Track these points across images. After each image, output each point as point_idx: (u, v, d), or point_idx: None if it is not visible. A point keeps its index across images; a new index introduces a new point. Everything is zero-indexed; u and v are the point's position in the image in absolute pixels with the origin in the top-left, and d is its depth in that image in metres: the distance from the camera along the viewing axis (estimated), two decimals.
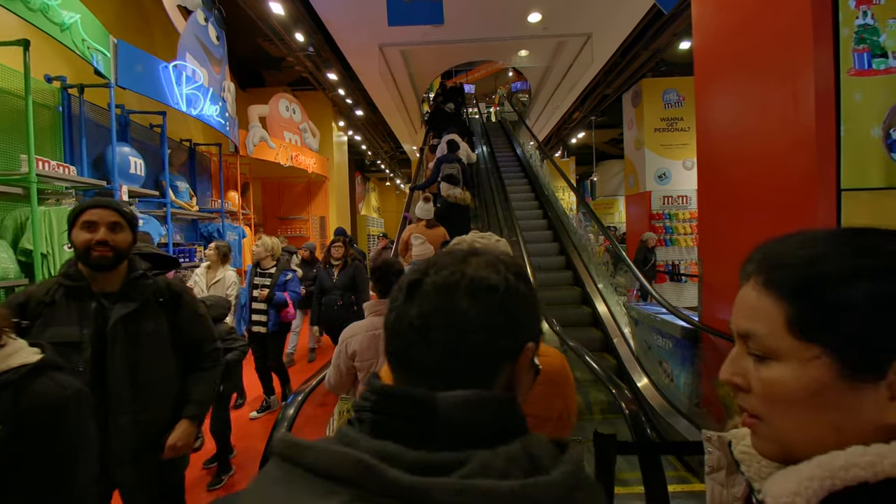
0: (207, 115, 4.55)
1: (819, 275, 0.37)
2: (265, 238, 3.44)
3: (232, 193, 6.40)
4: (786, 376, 0.37)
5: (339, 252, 3.60)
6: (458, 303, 0.39)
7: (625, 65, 7.52)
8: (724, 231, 3.13)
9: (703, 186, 3.32)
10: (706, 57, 3.25)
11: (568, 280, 5.52)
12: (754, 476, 0.44)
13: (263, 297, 3.28)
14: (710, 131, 3.26)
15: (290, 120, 7.35)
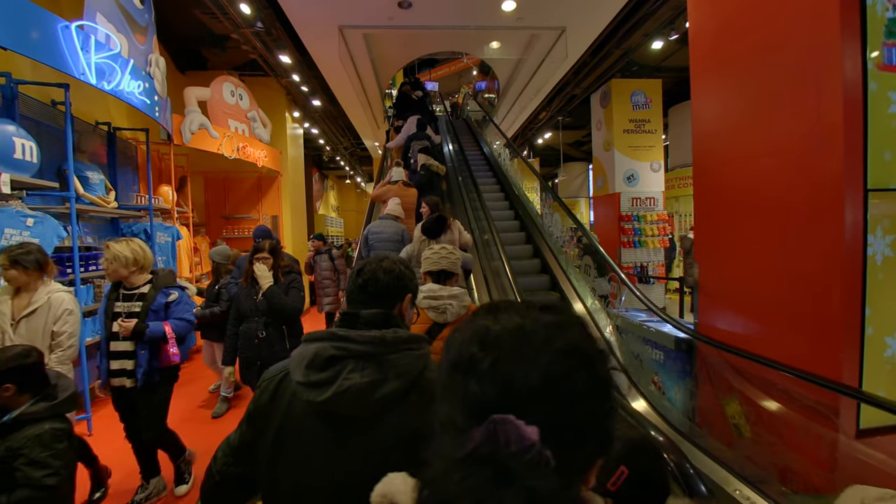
0: (127, 93, 3.76)
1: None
2: (119, 245, 2.17)
3: (165, 188, 5.52)
4: None
5: (266, 266, 2.64)
6: (378, 277, 0.91)
7: (595, 63, 7.40)
8: (722, 234, 2.90)
9: (699, 187, 3.08)
10: (706, 44, 3.00)
11: (545, 284, 5.22)
12: None
13: (127, 332, 2.13)
14: (706, 127, 3.02)
15: (237, 107, 6.53)
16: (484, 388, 0.34)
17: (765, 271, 2.50)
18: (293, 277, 2.75)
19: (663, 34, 6.02)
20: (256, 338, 2.64)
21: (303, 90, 7.47)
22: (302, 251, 9.12)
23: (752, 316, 2.62)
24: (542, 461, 0.30)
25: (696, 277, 3.06)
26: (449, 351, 0.40)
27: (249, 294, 2.71)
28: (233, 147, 6.23)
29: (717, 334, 2.89)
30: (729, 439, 2.57)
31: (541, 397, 0.34)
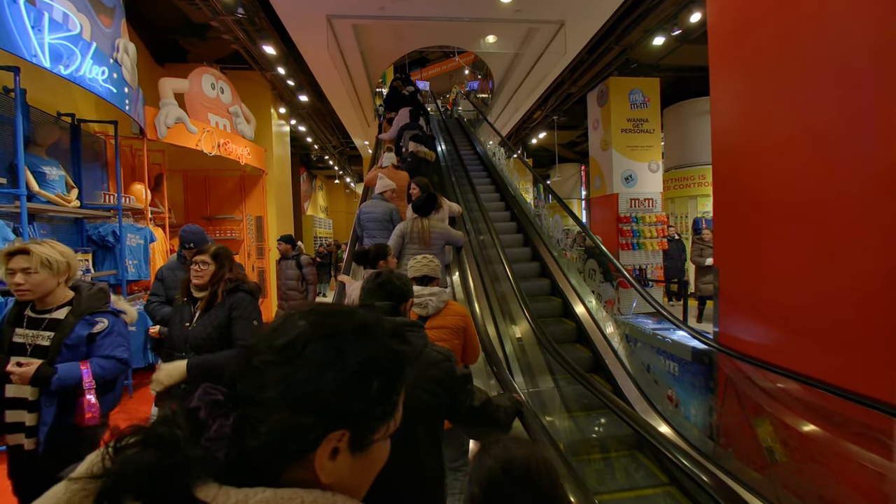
0: (89, 79, 3.39)
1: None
2: (44, 248, 1.56)
3: (137, 186, 5.12)
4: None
5: (204, 276, 1.88)
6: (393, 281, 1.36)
7: (593, 61, 7.20)
8: (746, 236, 2.67)
9: (719, 186, 2.84)
10: (728, 31, 2.76)
11: (546, 289, 4.96)
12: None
13: (24, 381, 1.50)
14: (728, 122, 2.78)
15: (217, 100, 6.14)
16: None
17: (798, 276, 2.26)
18: (239, 300, 1.87)
19: (665, 30, 5.83)
20: (182, 381, 1.76)
21: (289, 84, 7.12)
22: None
23: (782, 326, 2.38)
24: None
25: (716, 284, 2.82)
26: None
27: (181, 317, 1.89)
28: (213, 143, 5.85)
29: (740, 345, 2.65)
30: (761, 463, 2.32)
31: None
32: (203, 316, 1.87)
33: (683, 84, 9.03)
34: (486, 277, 4.80)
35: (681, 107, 9.16)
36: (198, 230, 2.71)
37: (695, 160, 9.06)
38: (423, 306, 2.00)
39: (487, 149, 8.86)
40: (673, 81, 8.69)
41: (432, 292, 2.03)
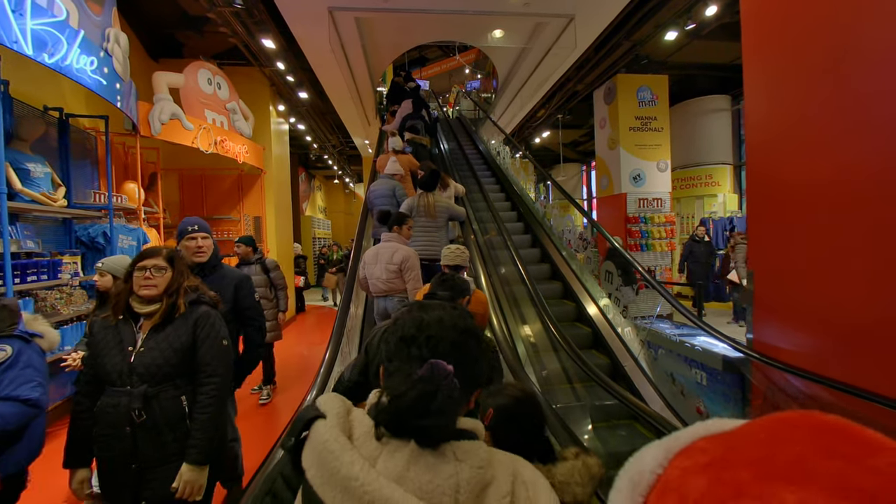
0: (77, 70, 3.17)
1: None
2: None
3: (130, 185, 4.89)
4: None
5: (154, 287, 1.53)
6: (455, 279, 1.78)
7: (599, 58, 7.02)
8: (784, 237, 2.48)
9: (755, 182, 2.65)
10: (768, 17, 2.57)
11: (557, 292, 4.77)
12: None
13: None
14: (766, 116, 2.60)
15: (214, 96, 5.92)
16: (421, 351, 0.64)
17: (849, 279, 2.07)
18: (205, 316, 1.56)
19: (678, 24, 5.65)
20: (128, 422, 1.42)
21: (288, 80, 6.90)
22: (288, 257, 8.51)
23: (828, 333, 2.19)
24: (454, 382, 0.59)
25: (750, 288, 2.63)
26: (396, 331, 0.68)
27: (119, 340, 1.49)
28: (210, 140, 5.63)
29: (778, 354, 2.45)
30: None
31: (452, 353, 0.63)
32: (155, 336, 1.49)
33: (690, 82, 8.87)
34: (496, 279, 4.61)
35: (687, 105, 9.00)
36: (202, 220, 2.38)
37: (702, 160, 8.91)
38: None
39: (490, 147, 8.67)
40: (679, 80, 8.53)
41: (463, 282, 2.37)
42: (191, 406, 1.52)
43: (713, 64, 8.13)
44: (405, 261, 2.80)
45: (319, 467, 0.55)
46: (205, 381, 1.54)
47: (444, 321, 0.66)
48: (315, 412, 0.60)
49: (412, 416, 0.57)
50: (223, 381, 1.56)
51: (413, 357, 0.63)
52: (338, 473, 0.53)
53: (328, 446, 0.55)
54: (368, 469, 0.53)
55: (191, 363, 1.54)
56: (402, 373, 0.62)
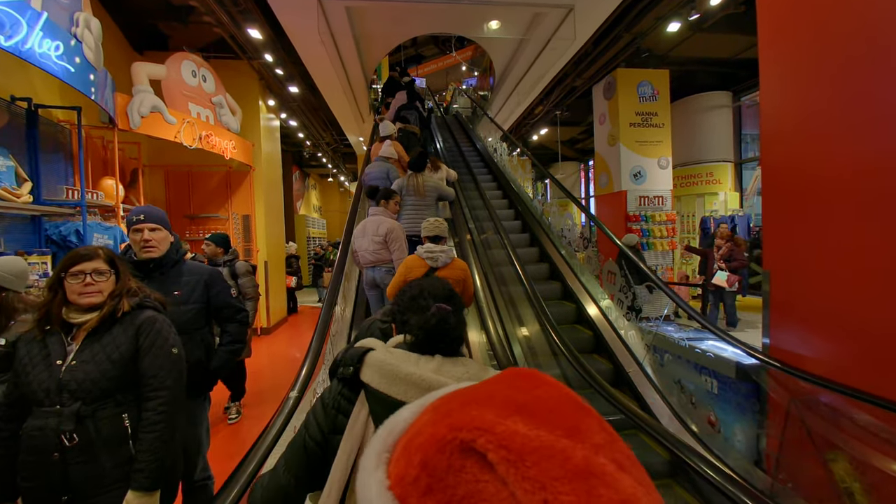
0: (41, 55, 2.94)
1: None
2: None
3: (108, 182, 4.65)
4: None
5: (99, 293, 1.33)
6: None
7: (600, 51, 6.83)
8: (804, 235, 2.28)
9: (769, 179, 2.45)
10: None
11: (556, 293, 4.56)
12: None
13: None
14: (783, 104, 2.39)
15: (199, 89, 5.68)
16: (427, 301, 0.92)
17: (878, 280, 1.87)
18: (149, 322, 1.36)
19: (681, 15, 5.46)
20: (57, 447, 1.22)
21: (277, 74, 6.66)
22: (279, 257, 8.28)
23: (856, 339, 1.99)
24: (453, 314, 0.91)
25: (766, 290, 2.43)
26: (406, 295, 0.98)
27: (46, 353, 1.28)
28: (194, 135, 5.39)
29: (797, 361, 2.26)
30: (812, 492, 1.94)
31: (446, 301, 0.93)
32: (91, 346, 1.28)
33: (690, 78, 8.70)
34: (492, 278, 4.40)
35: (687, 102, 8.82)
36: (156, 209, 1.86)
37: (702, 157, 8.73)
38: (434, 259, 2.51)
39: (487, 144, 8.47)
40: (679, 76, 8.35)
41: (442, 249, 2.57)
42: (135, 425, 1.30)
43: (714, 59, 7.95)
44: (390, 232, 3.02)
45: (382, 376, 0.81)
46: (150, 396, 1.32)
47: (435, 285, 0.99)
48: (365, 349, 0.88)
49: (437, 335, 0.87)
50: (172, 394, 1.35)
51: (422, 307, 0.92)
52: (399, 374, 0.79)
53: (388, 360, 0.83)
54: (421, 367, 0.82)
55: (134, 376, 1.33)
56: (418, 316, 0.91)
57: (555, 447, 0.26)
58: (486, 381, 0.35)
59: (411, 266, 2.55)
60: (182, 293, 1.77)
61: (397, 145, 4.69)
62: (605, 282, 3.98)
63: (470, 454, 0.27)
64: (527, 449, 0.25)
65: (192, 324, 1.77)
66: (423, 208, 3.75)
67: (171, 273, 1.80)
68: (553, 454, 0.25)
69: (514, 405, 0.29)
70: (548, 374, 0.35)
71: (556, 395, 0.32)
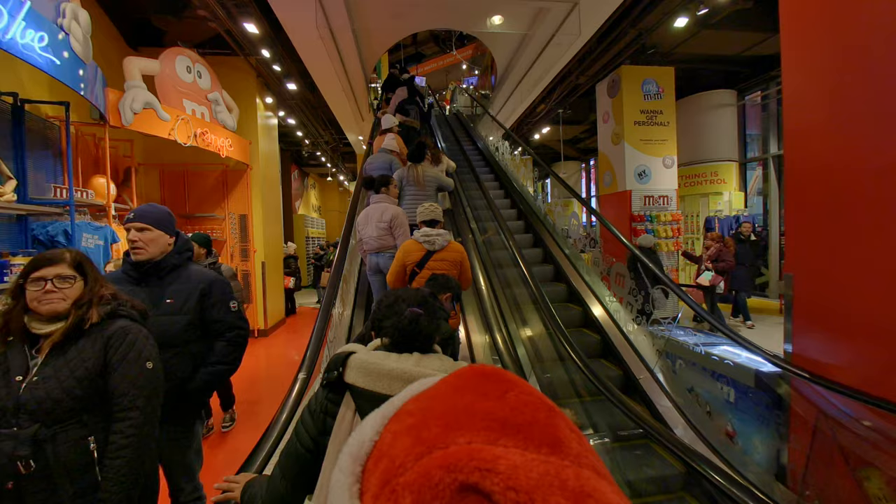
0: (23, 46, 2.80)
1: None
2: None
3: (99, 180, 4.51)
4: None
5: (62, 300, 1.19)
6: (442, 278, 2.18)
7: (604, 48, 6.69)
8: (832, 236, 2.15)
9: (793, 175, 2.31)
10: None
11: (561, 295, 4.43)
12: None
13: None
14: (807, 96, 2.26)
15: (194, 85, 5.54)
16: (401, 306, 0.99)
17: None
18: (121, 333, 1.23)
19: (689, 10, 5.32)
20: (11, 475, 1.08)
21: (275, 70, 6.52)
22: (276, 258, 8.13)
23: (890, 349, 1.85)
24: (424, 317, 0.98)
25: (789, 294, 2.29)
26: (384, 303, 1.05)
27: (4, 369, 1.15)
28: (189, 133, 5.25)
29: (823, 370, 2.12)
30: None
31: (419, 306, 0.99)
32: (55, 360, 1.15)
33: (694, 77, 8.56)
34: (496, 280, 4.26)
35: (692, 100, 8.69)
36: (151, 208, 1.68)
37: (708, 156, 8.60)
38: (431, 243, 2.57)
39: (489, 143, 8.34)
40: (683, 74, 8.21)
41: (439, 233, 2.63)
42: (102, 449, 1.16)
43: (719, 56, 7.82)
44: (395, 218, 3.08)
45: (366, 375, 0.88)
46: (119, 416, 1.18)
47: (410, 293, 1.06)
48: (346, 353, 0.94)
49: (410, 334, 0.96)
50: (144, 415, 1.20)
51: (397, 311, 0.99)
52: (382, 370, 0.87)
53: (370, 359, 0.90)
54: (401, 363, 0.89)
55: (101, 394, 1.18)
56: (393, 318, 0.98)
57: (550, 473, 0.25)
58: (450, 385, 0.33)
59: (409, 250, 2.62)
60: (175, 301, 1.61)
61: (398, 138, 4.69)
62: (613, 284, 3.85)
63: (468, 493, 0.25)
64: (531, 485, 0.24)
65: (181, 337, 1.60)
66: (422, 199, 3.74)
67: (169, 278, 1.64)
68: (552, 482, 0.24)
69: (496, 422, 0.29)
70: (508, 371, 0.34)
71: (525, 399, 0.31)
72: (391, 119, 5.07)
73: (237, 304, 1.77)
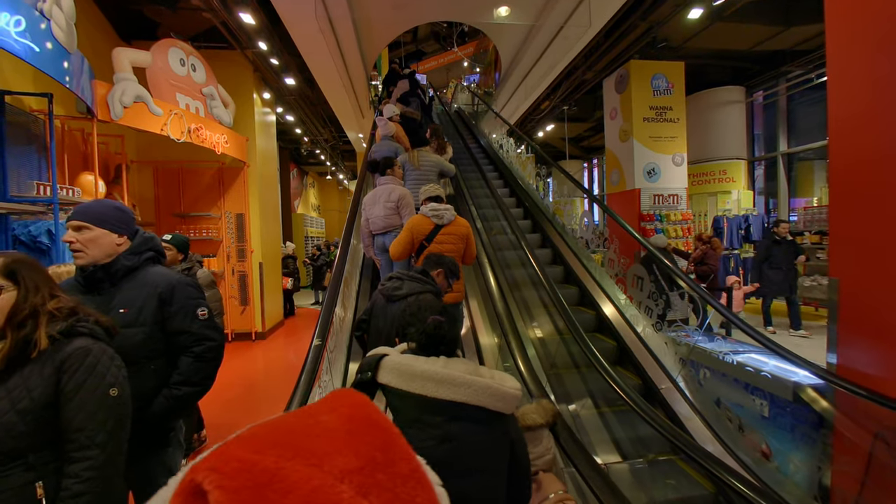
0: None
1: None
2: None
3: (87, 177, 4.29)
4: None
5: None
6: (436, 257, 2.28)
7: (612, 42, 6.48)
8: (882, 236, 1.95)
9: (839, 170, 2.11)
10: None
11: (573, 298, 4.22)
12: None
13: None
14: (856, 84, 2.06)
15: (188, 79, 5.32)
16: (424, 314, 1.10)
17: None
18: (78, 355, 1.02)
19: (704, 0, 5.11)
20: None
21: (273, 64, 6.30)
22: (274, 258, 7.92)
23: None
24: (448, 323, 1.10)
25: (834, 299, 2.09)
26: (408, 311, 1.17)
27: None
28: (182, 128, 5.03)
29: (874, 384, 1.92)
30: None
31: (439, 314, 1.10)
32: (15, 374, 0.98)
33: (701, 73, 8.36)
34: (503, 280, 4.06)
35: (699, 97, 8.50)
36: (93, 204, 1.47)
37: (717, 154, 8.41)
38: (439, 217, 2.71)
39: (492, 141, 8.14)
40: (690, 70, 8.01)
41: (447, 208, 2.76)
42: (53, 496, 0.95)
43: (729, 52, 7.62)
44: (402, 198, 3.16)
45: (399, 376, 0.96)
46: (75, 457, 0.97)
47: (431, 302, 1.18)
48: (379, 356, 1.03)
49: (436, 338, 1.06)
50: (106, 454, 0.99)
51: (421, 319, 1.10)
52: (416, 372, 0.94)
53: (403, 362, 0.98)
54: (431, 364, 0.96)
55: (51, 427, 0.97)
56: (418, 325, 1.10)
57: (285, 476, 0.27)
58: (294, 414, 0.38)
59: (418, 224, 2.73)
60: (128, 311, 1.37)
61: (398, 125, 4.80)
62: (630, 287, 3.64)
63: (199, 496, 0.26)
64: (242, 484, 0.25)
65: (140, 352, 1.36)
66: (425, 182, 3.82)
67: (124, 284, 1.41)
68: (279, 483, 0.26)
69: (275, 436, 0.31)
70: (357, 397, 0.41)
71: (336, 421, 0.34)
72: (392, 108, 5.03)
73: (207, 312, 1.52)
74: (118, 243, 1.42)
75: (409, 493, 0.30)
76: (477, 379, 0.93)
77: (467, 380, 0.92)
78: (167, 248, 2.79)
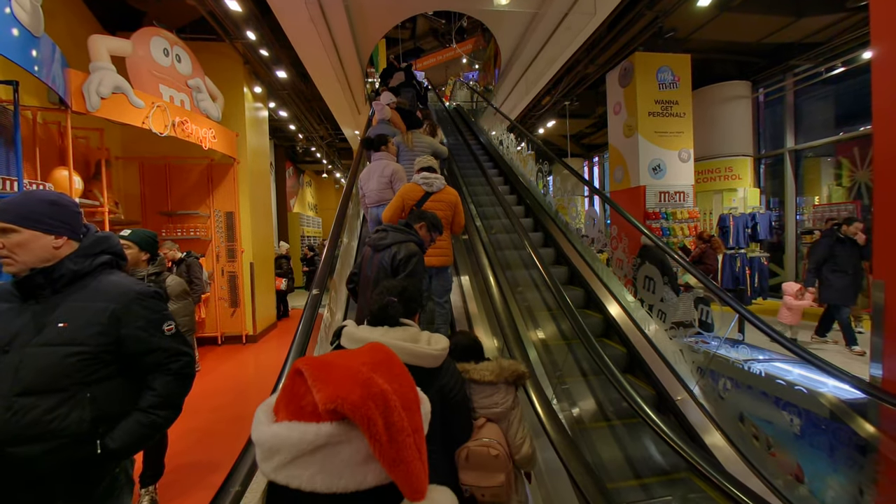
0: None
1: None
2: None
3: (61, 173, 4.04)
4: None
5: None
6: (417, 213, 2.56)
7: (616, 34, 6.25)
8: None
9: (885, 165, 1.88)
10: None
11: (578, 300, 3.99)
12: None
13: None
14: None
15: (172, 70, 5.06)
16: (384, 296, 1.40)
17: None
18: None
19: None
20: None
21: (263, 56, 6.05)
22: (266, 258, 7.66)
23: None
24: (395, 302, 1.38)
25: (879, 303, 1.85)
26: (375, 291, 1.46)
27: None
28: (165, 122, 4.77)
29: None
30: None
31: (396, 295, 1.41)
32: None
33: (706, 67, 8.12)
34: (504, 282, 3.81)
35: (705, 92, 8.25)
36: (21, 199, 1.20)
37: (723, 151, 8.17)
38: (429, 185, 2.92)
39: (491, 138, 7.90)
40: (695, 64, 7.78)
41: (437, 177, 2.99)
42: None
43: (735, 45, 7.38)
44: (395, 173, 3.39)
45: (349, 341, 1.25)
46: None
47: (394, 284, 1.44)
48: (341, 326, 1.32)
49: (382, 313, 1.34)
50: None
51: (380, 300, 1.37)
52: (356, 337, 1.24)
53: (351, 330, 1.27)
54: (370, 332, 1.26)
55: None
56: (378, 302, 1.37)
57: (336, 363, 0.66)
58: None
59: (410, 190, 2.92)
60: (69, 325, 1.12)
61: (393, 111, 4.86)
62: (641, 289, 3.41)
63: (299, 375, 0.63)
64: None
65: (73, 377, 1.11)
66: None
67: (69, 292, 1.17)
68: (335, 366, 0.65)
69: (328, 355, 0.70)
70: (376, 343, 0.80)
71: (362, 350, 0.73)
72: (390, 95, 5.04)
73: (174, 327, 1.28)
74: (56, 245, 1.17)
75: (399, 377, 0.66)
76: (395, 342, 1.18)
77: (390, 343, 1.12)
78: (127, 247, 2.33)
